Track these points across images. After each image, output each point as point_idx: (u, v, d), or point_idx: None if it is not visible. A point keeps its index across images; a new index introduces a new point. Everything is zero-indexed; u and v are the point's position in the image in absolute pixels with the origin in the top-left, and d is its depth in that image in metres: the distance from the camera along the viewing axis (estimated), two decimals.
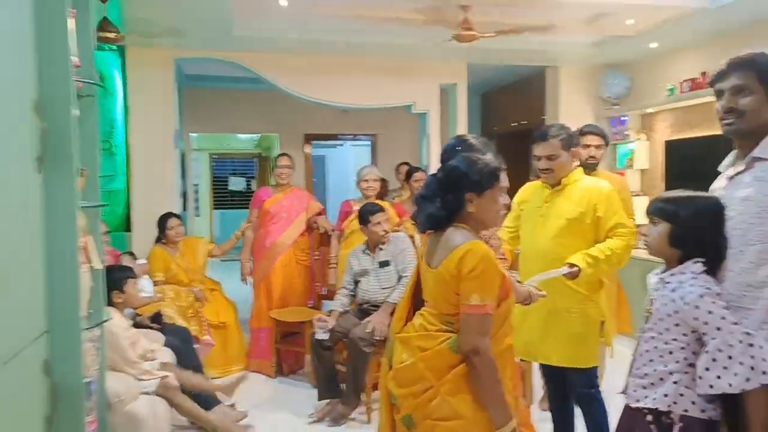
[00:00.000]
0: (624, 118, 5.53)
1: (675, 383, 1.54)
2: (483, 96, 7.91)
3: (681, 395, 1.53)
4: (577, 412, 2.54)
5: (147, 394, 2.55)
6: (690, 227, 1.57)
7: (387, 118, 7.49)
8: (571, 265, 2.23)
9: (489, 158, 1.81)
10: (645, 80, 5.44)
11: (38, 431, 1.39)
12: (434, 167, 5.70)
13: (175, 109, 4.93)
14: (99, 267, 1.97)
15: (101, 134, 4.57)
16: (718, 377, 1.43)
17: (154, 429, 2.53)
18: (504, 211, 1.81)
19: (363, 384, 3.31)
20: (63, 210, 1.59)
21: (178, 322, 3.59)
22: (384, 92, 5.39)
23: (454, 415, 1.61)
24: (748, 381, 1.39)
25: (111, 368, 2.46)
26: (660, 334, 1.57)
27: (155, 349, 2.83)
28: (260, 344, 4.18)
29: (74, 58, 1.72)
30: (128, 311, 3.23)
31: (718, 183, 1.69)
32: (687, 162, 4.84)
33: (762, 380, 1.38)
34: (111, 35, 3.19)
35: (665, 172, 5.16)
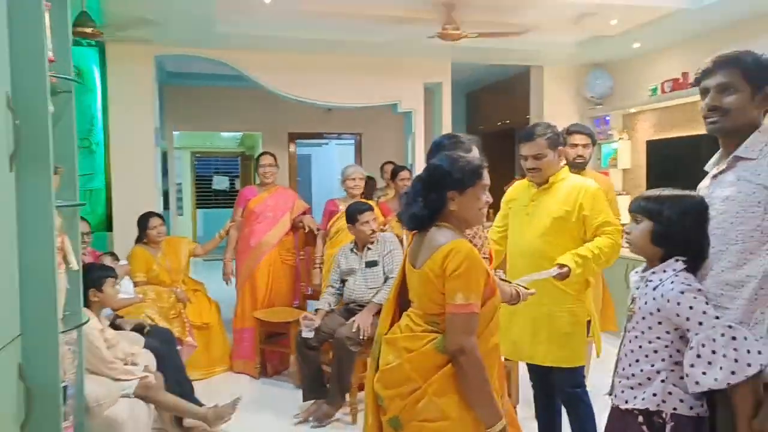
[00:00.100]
0: (607, 118, 5.57)
1: (663, 382, 1.53)
2: (468, 95, 7.93)
3: (669, 393, 1.53)
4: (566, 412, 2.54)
5: (127, 397, 2.49)
6: (672, 226, 1.56)
7: (371, 117, 7.48)
8: (561, 266, 2.22)
9: (471, 156, 1.80)
10: (628, 80, 5.49)
11: None
12: (419, 166, 5.71)
13: (156, 107, 4.86)
14: (76, 268, 1.93)
15: (80, 132, 4.49)
16: (704, 373, 1.43)
17: None
18: (486, 209, 1.80)
19: (348, 384, 3.29)
20: (38, 209, 1.55)
21: (160, 324, 3.53)
22: (369, 91, 5.36)
23: (441, 416, 1.60)
24: (734, 374, 1.39)
25: (89, 371, 2.40)
26: (643, 333, 1.57)
27: (135, 353, 2.77)
28: (244, 345, 4.14)
29: (49, 53, 1.68)
30: (107, 312, 3.16)
31: (704, 182, 1.69)
32: (668, 162, 4.89)
33: (747, 372, 1.38)
34: (89, 30, 3.13)
35: (647, 172, 5.20)
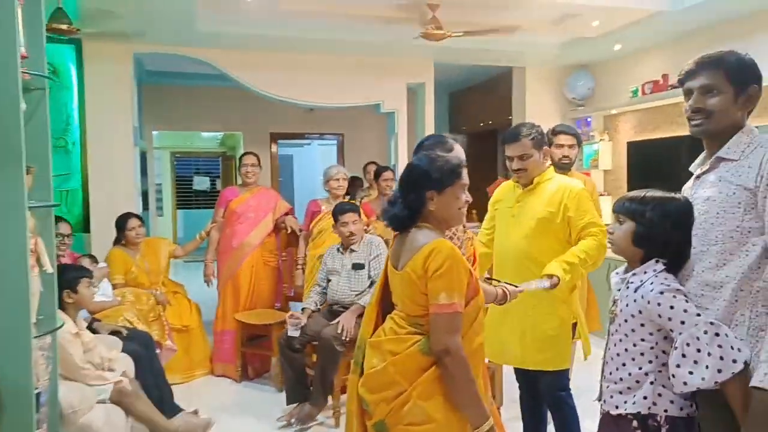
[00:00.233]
0: (589, 119, 5.62)
1: (652, 384, 1.52)
2: (451, 96, 7.95)
3: (659, 395, 1.51)
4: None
5: (102, 403, 2.43)
6: (654, 227, 1.54)
7: (354, 118, 7.45)
8: (549, 276, 2.19)
9: (450, 155, 1.78)
10: (609, 82, 5.54)
11: None
12: (402, 166, 5.67)
13: (135, 106, 4.78)
14: (50, 271, 1.87)
15: (55, 131, 4.39)
16: (690, 373, 1.42)
17: None
18: (466, 209, 1.78)
19: (332, 385, 3.27)
20: (9, 210, 1.51)
21: (139, 327, 3.46)
22: (351, 91, 5.34)
23: (427, 419, 1.58)
24: (720, 372, 1.38)
25: (63, 377, 2.34)
26: (627, 336, 1.56)
27: (113, 357, 2.70)
28: (224, 347, 4.08)
29: (22, 49, 1.63)
30: (84, 315, 3.09)
31: (689, 183, 1.69)
32: (649, 163, 4.94)
33: (733, 369, 1.37)
34: (64, 26, 3.05)
35: (628, 173, 5.25)
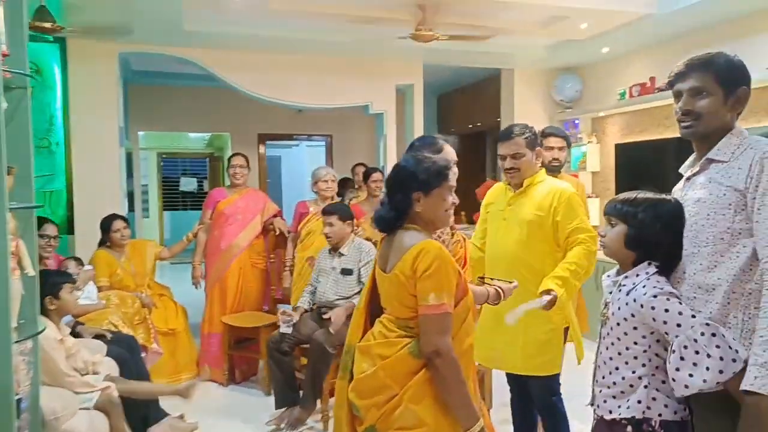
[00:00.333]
0: (577, 121, 5.64)
1: (646, 387, 1.51)
2: (439, 98, 7.95)
3: (654, 399, 1.50)
4: None
5: (86, 409, 2.37)
6: (646, 229, 1.53)
7: (342, 119, 7.43)
8: (547, 292, 2.16)
9: (437, 157, 1.77)
10: (596, 84, 5.57)
11: None
12: (391, 168, 5.63)
13: (120, 106, 4.72)
14: (32, 273, 1.82)
15: (39, 131, 4.32)
16: (691, 375, 1.40)
17: None
18: (452, 211, 1.77)
19: (321, 388, 3.23)
20: None
21: (124, 330, 3.40)
22: (340, 92, 5.31)
23: (418, 423, 1.57)
24: (722, 373, 1.37)
25: (46, 383, 2.28)
26: (620, 340, 1.54)
27: (97, 361, 2.65)
28: (211, 350, 4.04)
29: (3, 47, 1.60)
30: (67, 319, 3.03)
31: (679, 185, 1.68)
32: (636, 165, 4.97)
33: (734, 368, 1.36)
34: (48, 25, 2.99)
35: (616, 175, 5.28)
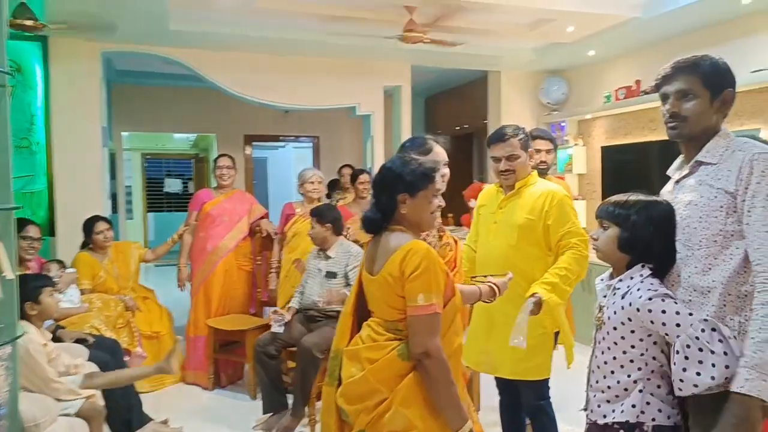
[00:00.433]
0: (563, 124, 5.67)
1: (640, 392, 1.49)
2: (427, 99, 7.95)
3: (648, 404, 1.49)
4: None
5: (67, 416, 2.32)
6: (640, 232, 1.52)
7: (329, 120, 7.41)
8: (532, 296, 2.15)
9: (424, 159, 1.76)
10: (583, 87, 5.61)
11: None
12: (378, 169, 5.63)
13: (103, 106, 4.65)
14: (11, 276, 1.77)
15: (19, 131, 4.23)
16: (698, 374, 1.38)
17: None
18: (438, 214, 1.76)
19: (309, 394, 3.20)
20: None
21: (107, 334, 3.34)
22: (327, 93, 5.29)
23: (409, 426, 1.55)
24: (728, 368, 1.36)
25: (27, 389, 2.22)
26: (616, 344, 1.53)
27: (78, 364, 2.59)
28: (196, 354, 3.98)
29: None
30: (48, 323, 2.96)
31: (667, 187, 1.69)
32: (622, 167, 5.01)
33: (740, 364, 1.35)
34: (28, 23, 2.93)
35: (602, 177, 5.31)
